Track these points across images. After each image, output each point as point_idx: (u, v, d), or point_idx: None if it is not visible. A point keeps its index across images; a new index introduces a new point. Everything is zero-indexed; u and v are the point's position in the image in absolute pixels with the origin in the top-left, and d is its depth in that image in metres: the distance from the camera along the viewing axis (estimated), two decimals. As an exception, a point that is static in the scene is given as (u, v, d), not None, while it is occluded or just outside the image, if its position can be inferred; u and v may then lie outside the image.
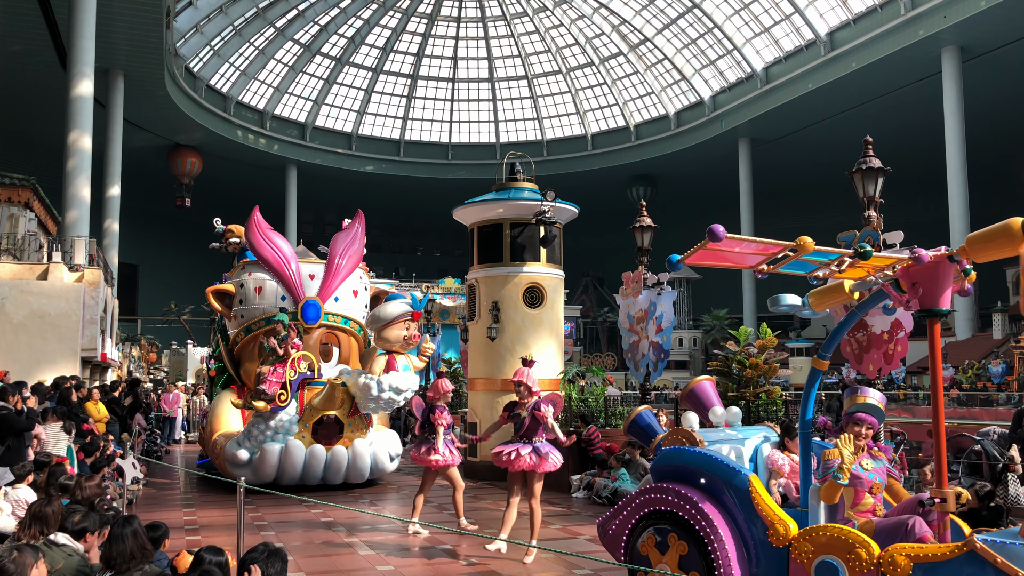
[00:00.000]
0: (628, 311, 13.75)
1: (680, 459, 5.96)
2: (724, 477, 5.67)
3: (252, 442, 12.40)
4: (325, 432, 13.11)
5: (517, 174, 15.82)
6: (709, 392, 7.46)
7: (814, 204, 57.08)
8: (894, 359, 8.99)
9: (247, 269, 14.22)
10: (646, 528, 5.90)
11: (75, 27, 28.34)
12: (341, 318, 13.98)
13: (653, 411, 7.67)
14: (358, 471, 13.19)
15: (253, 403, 11.94)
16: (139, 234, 53.02)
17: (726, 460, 5.77)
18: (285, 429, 12.39)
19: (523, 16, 56.38)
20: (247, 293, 13.97)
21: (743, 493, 5.54)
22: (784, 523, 5.27)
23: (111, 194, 37.49)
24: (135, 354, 37.14)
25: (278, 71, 54.11)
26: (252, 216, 13.70)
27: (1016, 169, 51.12)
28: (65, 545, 4.76)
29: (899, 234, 9.00)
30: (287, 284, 13.56)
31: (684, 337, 54.18)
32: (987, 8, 34.96)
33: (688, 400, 7.54)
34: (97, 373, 22.60)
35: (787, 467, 6.07)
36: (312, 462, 12.71)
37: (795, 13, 44.43)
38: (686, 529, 5.62)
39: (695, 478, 5.80)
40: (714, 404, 7.25)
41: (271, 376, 11.83)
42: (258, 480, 12.17)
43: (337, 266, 13.88)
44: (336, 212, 63.78)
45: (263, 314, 13.60)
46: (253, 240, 13.63)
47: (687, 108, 55.08)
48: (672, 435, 6.44)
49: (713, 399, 7.35)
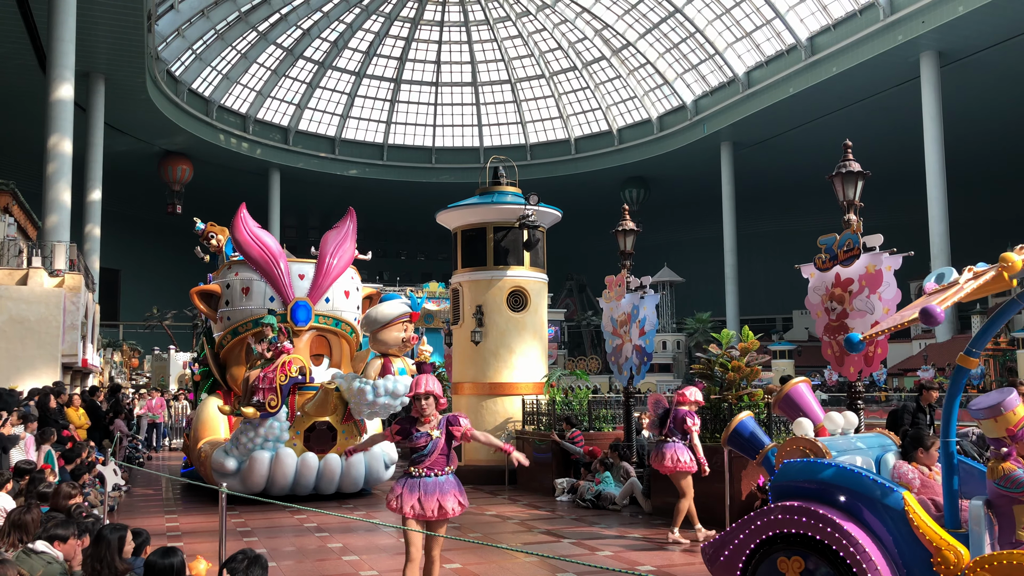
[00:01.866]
0: (611, 314, 13.79)
1: (812, 474, 5.16)
2: (872, 495, 4.94)
3: (240, 450, 11.90)
4: (317, 439, 12.53)
5: (501, 178, 15.87)
6: (807, 396, 6.56)
7: (795, 207, 57.50)
8: (874, 361, 9.08)
9: (233, 269, 13.64)
10: (771, 554, 5.07)
11: (55, 30, 28.09)
12: (332, 320, 13.45)
13: (753, 416, 6.90)
14: (352, 480, 12.62)
15: (242, 409, 11.56)
16: (121, 239, 52.65)
17: (872, 475, 5.07)
18: (275, 436, 11.89)
19: (506, 20, 56.47)
20: (233, 294, 13.42)
21: (897, 513, 4.82)
22: (955, 549, 4.58)
23: (92, 199, 37.17)
24: (117, 360, 36.83)
25: (260, 75, 53.91)
26: (239, 213, 13.27)
27: (994, 172, 51.74)
28: (44, 552, 4.73)
29: (878, 237, 9.09)
30: (276, 284, 13.06)
31: (668, 340, 54.36)
32: (965, 14, 35.38)
33: (785, 407, 6.61)
34: (78, 379, 22.39)
35: (917, 481, 5.40)
36: (304, 471, 12.11)
37: (776, 18, 44.76)
38: (824, 555, 4.86)
39: (832, 496, 5.03)
40: (814, 410, 6.38)
41: (261, 383, 11.41)
42: (246, 491, 11.62)
43: (328, 265, 13.35)
44: (319, 216, 63.74)
45: (250, 315, 13.09)
46: (240, 238, 13.14)
47: (670, 112, 55.36)
48: (791, 446, 5.66)
49: (813, 404, 6.49)
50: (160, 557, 4.19)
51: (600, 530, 9.98)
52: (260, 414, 11.46)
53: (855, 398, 9.29)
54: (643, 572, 7.35)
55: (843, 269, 9.31)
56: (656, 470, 9.46)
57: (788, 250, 36.37)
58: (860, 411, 9.29)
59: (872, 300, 8.98)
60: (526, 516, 11.19)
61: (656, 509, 10.97)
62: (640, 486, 11.50)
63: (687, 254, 63.40)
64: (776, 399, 6.67)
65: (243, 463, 11.81)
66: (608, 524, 10.41)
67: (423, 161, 61.49)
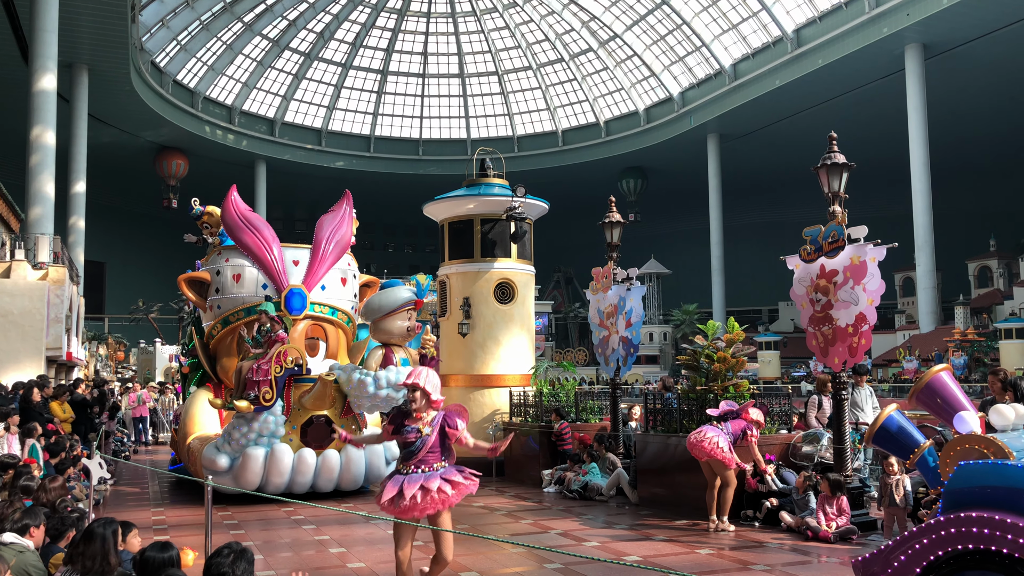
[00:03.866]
0: (598, 306, 13.83)
1: (1000, 479, 4.41)
2: None
3: (233, 447, 11.16)
4: (315, 435, 11.74)
5: (488, 170, 15.86)
6: (952, 387, 5.64)
7: (781, 199, 57.77)
8: (858, 352, 9.15)
9: (224, 255, 12.85)
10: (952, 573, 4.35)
11: (37, 20, 27.83)
12: (328, 308, 12.67)
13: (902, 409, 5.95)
14: (352, 477, 11.84)
15: (234, 403, 10.89)
16: (106, 231, 52.35)
17: None
18: (270, 432, 11.13)
19: (493, 12, 56.31)
20: (224, 281, 12.62)
21: None
22: None
23: (76, 191, 36.90)
24: (102, 353, 36.64)
25: (246, 66, 53.59)
26: (229, 196, 12.56)
27: (977, 164, 52.10)
28: (13, 543, 4.74)
29: (863, 228, 9.15)
30: (269, 271, 12.31)
31: (654, 332, 54.59)
32: (949, 6, 35.58)
33: (925, 399, 5.70)
34: (63, 372, 22.26)
35: None
36: (301, 468, 11.32)
37: (762, 10, 44.86)
38: None
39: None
40: (961, 402, 5.50)
41: (255, 375, 10.81)
42: (240, 489, 11.01)
43: (324, 251, 12.63)
44: (306, 208, 63.59)
45: (242, 304, 12.40)
46: (230, 222, 12.41)
47: (657, 104, 55.43)
48: (961, 445, 4.93)
49: (960, 396, 5.59)
50: (157, 551, 4.23)
51: (587, 521, 10.02)
52: (254, 408, 10.84)
53: (840, 389, 9.37)
54: (630, 562, 7.39)
55: (828, 260, 9.37)
56: (691, 450, 9.11)
57: (774, 242, 36.47)
58: (844, 401, 9.38)
59: (856, 291, 9.05)
60: (513, 507, 11.22)
61: (643, 500, 11.03)
62: (627, 477, 11.55)
63: (674, 246, 63.60)
64: (915, 389, 5.77)
65: (236, 460, 11.14)
66: (595, 515, 10.45)
67: (410, 153, 61.34)
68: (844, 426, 9.35)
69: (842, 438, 9.30)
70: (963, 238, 51.06)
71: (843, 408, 9.35)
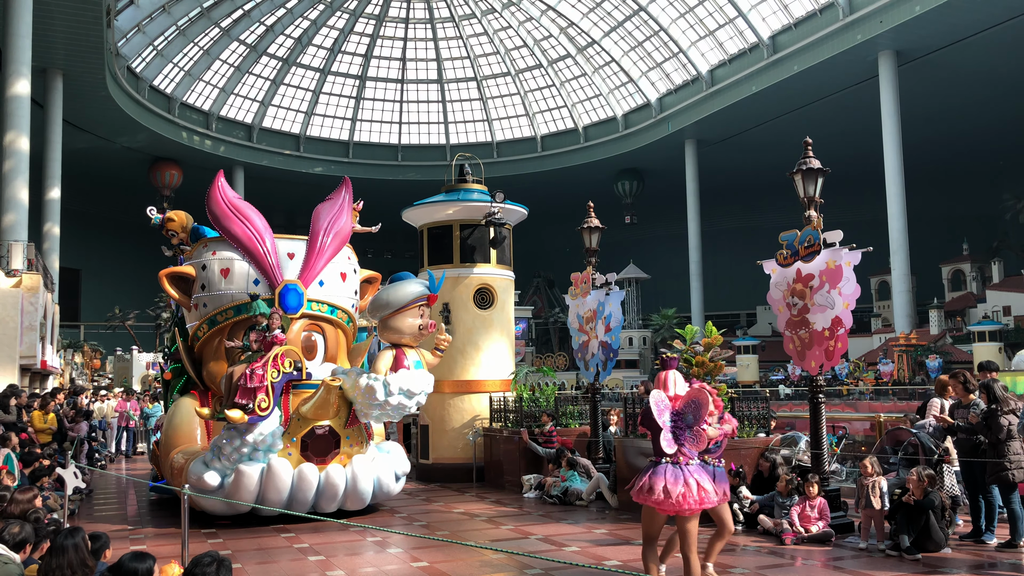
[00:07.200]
0: (577, 311, 13.88)
1: None
2: None
3: (224, 462, 9.90)
4: (317, 448, 10.33)
5: (467, 175, 15.88)
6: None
7: (758, 204, 58.19)
8: (835, 355, 9.25)
9: (210, 247, 11.46)
10: None
11: (10, 24, 27.53)
12: (327, 306, 11.38)
13: None
14: (358, 496, 10.49)
15: (225, 412, 9.71)
16: (81, 238, 51.74)
17: None
18: (267, 445, 9.92)
19: (471, 18, 56.37)
20: (211, 276, 11.19)
21: None
22: None
23: (51, 197, 36.44)
24: (78, 361, 36.19)
25: (223, 72, 53.24)
26: (216, 182, 11.45)
27: (951, 169, 52.79)
28: (1, 555, 4.69)
29: (838, 233, 9.25)
30: (261, 264, 11.01)
31: (634, 336, 54.75)
32: (922, 13, 36.03)
33: None
34: (37, 381, 21.98)
35: None
36: (301, 485, 9.99)
37: (739, 17, 45.21)
38: None
39: None
40: None
41: (249, 382, 9.68)
42: (232, 510, 9.98)
43: (321, 244, 11.37)
44: (284, 214, 63.01)
45: (232, 301, 11.03)
46: (217, 210, 11.17)
47: (635, 110, 55.69)
48: None
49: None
50: (130, 561, 4.13)
51: (567, 526, 10.04)
52: (248, 418, 9.64)
53: (817, 392, 9.45)
54: (609, 567, 7.41)
55: (804, 265, 9.46)
56: None
57: (752, 246, 36.65)
58: (821, 404, 9.47)
59: (832, 295, 9.15)
60: (494, 513, 11.21)
61: (622, 504, 11.07)
62: (607, 481, 11.60)
63: (653, 251, 63.84)
64: None
65: (228, 477, 9.87)
66: (575, 520, 10.47)
67: (389, 159, 61.19)
68: (821, 429, 9.44)
69: (819, 442, 9.38)
70: (937, 242, 51.66)
71: (820, 411, 9.43)
